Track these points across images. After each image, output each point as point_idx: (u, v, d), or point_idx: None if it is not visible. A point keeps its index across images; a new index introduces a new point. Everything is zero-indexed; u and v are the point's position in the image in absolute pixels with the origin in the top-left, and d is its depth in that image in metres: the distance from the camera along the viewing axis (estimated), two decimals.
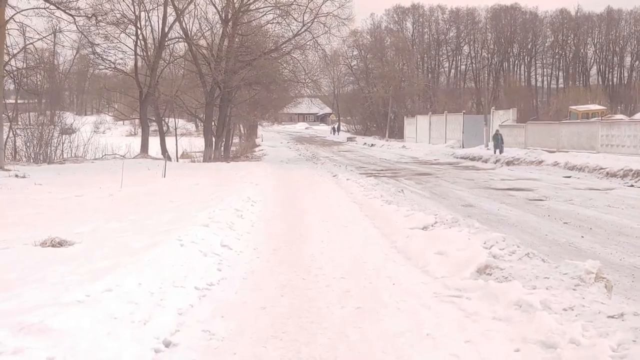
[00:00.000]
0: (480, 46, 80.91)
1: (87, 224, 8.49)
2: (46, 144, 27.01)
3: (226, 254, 7.16)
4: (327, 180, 18.01)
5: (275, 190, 14.99)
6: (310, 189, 15.60)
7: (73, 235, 7.43)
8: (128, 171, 19.00)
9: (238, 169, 20.08)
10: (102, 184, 14.34)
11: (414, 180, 19.60)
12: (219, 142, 29.93)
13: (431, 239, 7.49)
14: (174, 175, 17.07)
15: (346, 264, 6.96)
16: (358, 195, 13.58)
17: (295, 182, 17.59)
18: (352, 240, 8.52)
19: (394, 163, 28.24)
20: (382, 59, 58.72)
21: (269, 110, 38.65)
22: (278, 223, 10.04)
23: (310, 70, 29.01)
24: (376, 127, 58.05)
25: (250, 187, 14.25)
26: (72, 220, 8.94)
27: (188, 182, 15.28)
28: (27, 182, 14.35)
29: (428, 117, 44.40)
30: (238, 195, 12.16)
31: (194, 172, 19.04)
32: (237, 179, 16.32)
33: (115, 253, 6.25)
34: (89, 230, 7.97)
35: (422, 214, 9.34)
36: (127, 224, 8.54)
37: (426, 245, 7.27)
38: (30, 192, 12.39)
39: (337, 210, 11.64)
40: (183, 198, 11.84)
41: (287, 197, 13.82)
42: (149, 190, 13.58)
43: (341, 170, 21.91)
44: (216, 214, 9.29)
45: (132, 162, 23.36)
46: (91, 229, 8.08)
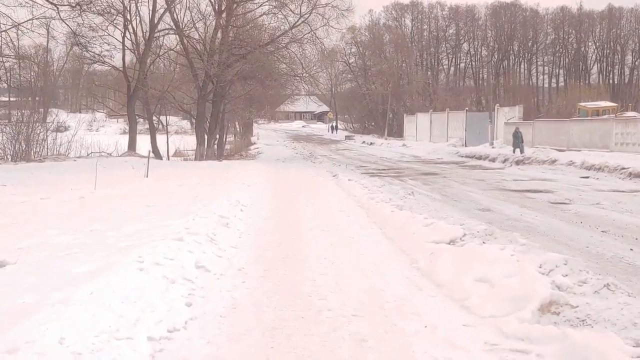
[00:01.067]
0: (480, 44, 79.30)
1: (35, 236, 6.81)
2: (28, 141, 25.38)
3: (201, 280, 5.47)
4: (327, 181, 16.32)
5: (269, 192, 13.28)
6: (309, 190, 13.92)
7: (10, 253, 5.77)
8: (110, 170, 17.35)
9: (230, 168, 18.38)
10: (76, 185, 12.64)
11: (420, 181, 17.89)
12: (212, 139, 28.21)
13: (465, 258, 5.80)
14: (158, 175, 15.38)
15: (358, 294, 5.28)
16: (363, 198, 11.89)
17: (292, 182, 15.91)
18: (362, 257, 6.83)
19: (396, 162, 26.54)
20: (381, 55, 57.03)
21: (265, 107, 36.94)
22: (271, 233, 8.34)
23: (307, 65, 27.29)
24: (375, 126, 56.35)
25: (240, 189, 12.55)
26: (19, 230, 7.25)
27: (172, 183, 13.58)
28: None
29: (429, 114, 42.73)
30: (226, 199, 10.46)
31: (181, 171, 17.34)
32: (228, 179, 14.62)
33: (48, 283, 4.58)
34: (33, 245, 6.29)
35: (444, 222, 7.65)
36: (83, 237, 6.85)
37: (460, 267, 5.59)
38: None
39: (340, 216, 9.94)
40: (161, 202, 10.14)
41: (283, 200, 12.11)
42: (126, 192, 11.87)
43: (341, 169, 20.23)
44: (196, 222, 7.60)
45: (118, 160, 21.68)
46: (37, 243, 6.40)
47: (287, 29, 26.85)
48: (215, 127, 28.16)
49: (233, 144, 39.60)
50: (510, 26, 78.01)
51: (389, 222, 8.88)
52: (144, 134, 33.22)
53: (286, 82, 34.40)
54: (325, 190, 13.86)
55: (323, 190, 14.01)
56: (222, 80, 26.74)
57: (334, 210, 10.72)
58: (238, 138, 42.53)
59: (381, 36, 61.76)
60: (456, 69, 78.13)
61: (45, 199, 10.54)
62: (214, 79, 26.53)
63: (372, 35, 61.89)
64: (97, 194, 11.47)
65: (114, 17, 24.75)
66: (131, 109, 25.46)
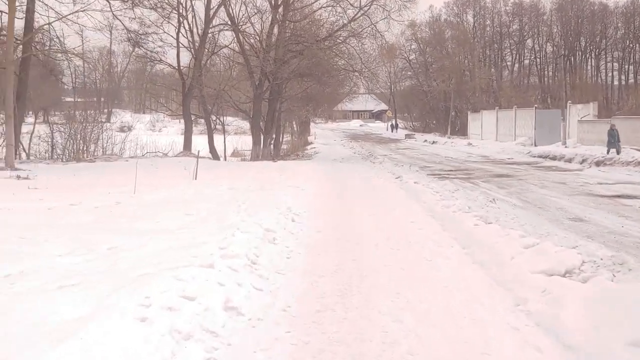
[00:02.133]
0: (545, 39, 75.39)
1: (37, 256, 5.43)
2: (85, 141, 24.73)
3: (230, 330, 3.90)
4: (390, 184, 14.58)
5: (325, 198, 11.64)
6: (370, 195, 12.23)
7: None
8: (160, 171, 16.16)
9: (284, 169, 16.87)
10: (117, 188, 11.37)
11: (493, 184, 15.90)
12: (268, 139, 26.85)
13: (601, 304, 4.00)
14: (208, 177, 14.03)
15: (451, 357, 3.59)
16: (435, 205, 10.12)
17: (351, 185, 14.25)
18: (447, 292, 5.10)
19: (463, 162, 24.46)
20: (442, 51, 54.61)
21: (322, 106, 35.35)
22: (326, 252, 6.70)
23: (367, 60, 25.54)
24: (436, 124, 53.99)
25: (293, 194, 10.99)
26: (22, 248, 5.88)
27: (221, 186, 12.15)
28: (24, 184, 11.52)
29: (495, 112, 40.21)
30: (275, 206, 8.93)
31: (233, 172, 15.95)
32: (281, 182, 13.11)
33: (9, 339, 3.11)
34: (27, 270, 4.90)
35: (550, 243, 5.84)
36: (94, 258, 5.42)
37: (598, 319, 3.81)
38: (11, 199, 9.48)
39: (410, 230, 8.20)
40: (203, 209, 8.68)
41: (340, 207, 10.46)
42: (168, 196, 10.50)
43: (404, 170, 18.42)
44: (235, 239, 6.06)
45: (172, 160, 20.57)
46: (33, 268, 5.00)
47: (346, 22, 25.21)
48: (271, 126, 26.80)
49: (290, 144, 38.27)
50: (577, 21, 73.79)
51: (474, 239, 7.10)
52: (205, 134, 32.27)
53: (344, 79, 32.79)
54: (389, 195, 12.13)
55: (386, 194, 12.28)
56: (278, 78, 25.36)
57: (401, 220, 8.99)
58: (295, 137, 41.13)
59: (442, 32, 59.28)
60: (520, 65, 74.59)
61: (75, 204, 9.26)
62: (270, 76, 25.18)
63: (433, 32, 59.52)
64: (136, 198, 10.14)
65: (169, 12, 23.76)
66: (186, 108, 24.38)
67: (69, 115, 27.03)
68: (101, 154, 23.62)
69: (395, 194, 12.45)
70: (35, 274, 4.86)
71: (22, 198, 9.75)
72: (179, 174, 14.61)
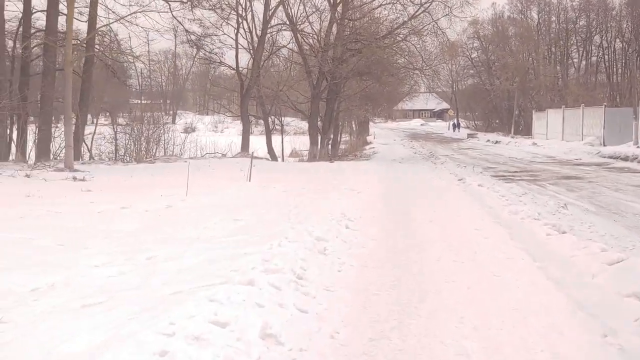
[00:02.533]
0: (613, 35, 71.78)
1: (69, 267, 5.05)
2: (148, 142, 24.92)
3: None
4: (452, 186, 13.75)
5: (382, 201, 10.94)
6: (431, 198, 11.48)
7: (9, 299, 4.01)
8: (216, 172, 15.89)
9: (341, 171, 16.29)
10: (171, 190, 11.06)
11: (562, 186, 14.81)
12: (325, 139, 26.34)
13: None
14: (262, 179, 13.61)
15: None
16: (501, 211, 9.30)
17: (410, 187, 13.51)
18: (521, 317, 4.35)
19: (528, 163, 23.22)
20: (506, 49, 52.71)
21: (381, 105, 34.53)
22: (381, 265, 6.05)
23: (428, 58, 24.65)
24: (499, 123, 52.18)
25: (348, 197, 10.39)
26: (57, 257, 5.52)
27: (274, 189, 11.70)
28: (78, 186, 11.38)
29: (561, 111, 38.33)
30: (328, 211, 8.35)
31: (288, 174, 15.50)
32: (336, 184, 12.53)
33: None
34: (56, 283, 4.51)
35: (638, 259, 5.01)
36: (129, 270, 4.98)
37: None
38: (61, 202, 9.28)
39: (475, 239, 7.43)
40: (252, 215, 8.21)
41: (398, 212, 9.77)
42: (219, 200, 10.10)
43: (467, 172, 17.50)
44: (282, 249, 5.52)
45: (230, 161, 20.33)
46: (62, 281, 4.60)
47: (406, 19, 24.41)
48: (328, 126, 26.28)
49: (348, 144, 37.69)
50: None
51: (547, 250, 6.30)
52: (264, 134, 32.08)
53: (404, 78, 31.92)
54: (450, 199, 11.33)
55: (448, 198, 11.49)
56: (336, 77, 24.84)
57: (465, 228, 8.24)
58: (353, 137, 40.49)
59: (505, 29, 57.29)
60: (587, 63, 71.27)
61: (127, 207, 8.97)
62: (328, 75, 24.68)
63: (496, 29, 57.62)
64: (187, 202, 9.78)
65: (228, 14, 23.60)
66: (244, 109, 24.17)
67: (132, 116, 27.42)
68: (162, 155, 23.71)
69: (458, 197, 11.64)
70: (64, 287, 4.46)
71: (73, 201, 9.55)
72: (234, 176, 14.25)
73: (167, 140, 25.87)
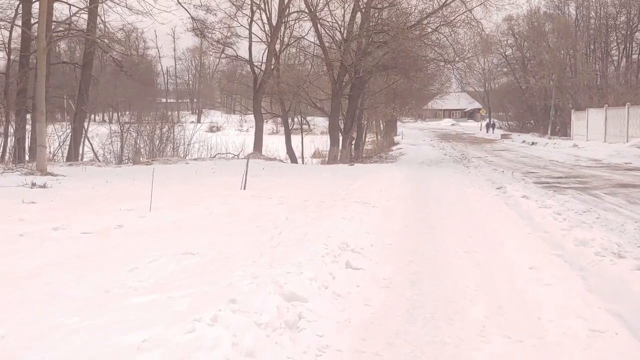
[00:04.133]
0: None
1: None
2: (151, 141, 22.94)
3: None
4: (490, 197, 11.13)
5: (402, 221, 8.29)
6: (464, 215, 8.90)
7: None
8: (213, 177, 13.58)
9: (359, 176, 13.77)
10: (137, 202, 8.70)
11: (621, 197, 12.02)
12: (347, 139, 23.83)
13: None
14: (260, 186, 11.21)
15: None
16: (562, 238, 6.66)
17: (438, 199, 10.92)
18: None
19: (572, 167, 20.33)
20: (541, 45, 49.39)
21: (409, 103, 31.81)
22: (393, 342, 3.59)
23: (460, 50, 21.92)
24: (534, 123, 48.90)
25: (359, 214, 7.87)
26: None
27: (268, 200, 9.26)
28: (29, 195, 9.07)
29: (603, 110, 35.10)
30: (325, 238, 5.88)
31: (295, 179, 13.03)
32: (349, 193, 10.04)
33: None
34: None
35: None
36: None
37: None
38: None
39: (533, 290, 4.80)
40: (215, 244, 5.78)
41: (422, 237, 7.19)
42: (187, 217, 7.64)
43: (506, 178, 14.84)
44: (212, 333, 3.10)
45: (237, 164, 18.02)
46: None
47: (437, 7, 21.73)
48: (351, 125, 23.75)
49: (375, 144, 35.13)
50: None
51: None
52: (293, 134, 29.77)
53: (434, 74, 29.23)
54: (490, 217, 8.71)
55: (487, 215, 8.88)
56: (359, 71, 22.34)
57: (514, 266, 5.67)
58: (380, 137, 37.85)
59: (541, 25, 53.93)
60: (628, 60, 67.22)
61: (60, 228, 6.65)
62: (351, 69, 22.20)
63: (531, 25, 54.33)
64: (146, 219, 7.41)
65: (242, 2, 21.30)
66: (257, 105, 21.80)
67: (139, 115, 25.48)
68: (169, 155, 21.59)
69: (499, 214, 9.01)
70: None
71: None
72: (230, 182, 11.84)
73: (178, 140, 23.82)
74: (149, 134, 23.02)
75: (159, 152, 22.58)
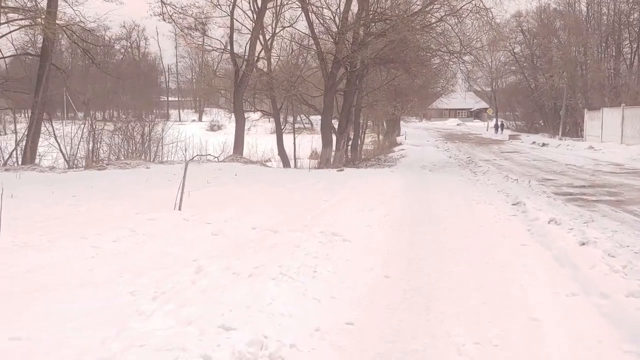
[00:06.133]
0: None
1: None
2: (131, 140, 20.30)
3: None
4: (505, 218, 8.30)
5: (383, 267, 5.35)
6: (474, 251, 6.11)
7: None
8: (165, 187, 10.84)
9: (342, 186, 10.97)
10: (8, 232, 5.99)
11: None
12: (342, 140, 21.03)
13: None
14: (207, 202, 8.48)
15: None
16: (635, 313, 3.94)
17: (438, 223, 8.10)
18: None
19: (594, 173, 17.39)
20: (552, 41, 46.38)
21: (412, 101, 28.88)
22: None
23: (468, 40, 19.01)
24: (543, 124, 45.87)
25: (313, 259, 5.06)
26: None
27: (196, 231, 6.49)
28: None
29: (620, 110, 32.07)
30: (219, 339, 3.18)
31: (258, 191, 10.20)
32: (316, 216, 7.28)
33: None
34: None
35: None
36: None
37: None
38: None
39: None
40: (41, 329, 3.12)
41: (413, 305, 4.44)
42: (44, 267, 4.93)
43: (523, 189, 12.00)
44: None
45: (207, 168, 15.30)
46: None
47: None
48: (346, 124, 20.94)
49: (376, 145, 32.29)
50: None
51: None
52: (288, 133, 27.00)
53: (439, 70, 26.35)
54: (511, 260, 5.81)
55: (505, 256, 6.03)
56: (355, 64, 19.57)
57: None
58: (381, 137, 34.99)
59: (551, 22, 50.89)
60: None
61: None
62: (346, 62, 19.42)
63: (541, 22, 51.32)
64: None
65: None
66: (238, 101, 18.99)
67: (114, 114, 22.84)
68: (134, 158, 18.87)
69: (524, 254, 6.18)
70: None
71: None
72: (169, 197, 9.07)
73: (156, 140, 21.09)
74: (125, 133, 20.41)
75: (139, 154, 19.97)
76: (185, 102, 75.06)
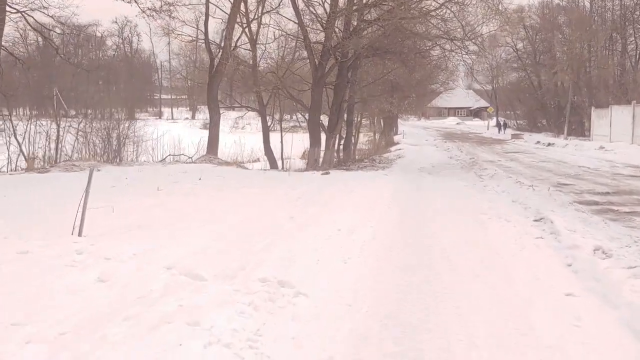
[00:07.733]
0: None
1: None
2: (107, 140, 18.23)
3: None
4: (530, 243, 6.07)
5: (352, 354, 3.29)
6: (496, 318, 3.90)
7: None
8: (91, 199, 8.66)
9: (322, 195, 8.74)
10: None
11: None
12: (332, 139, 18.77)
13: None
14: (128, 221, 6.28)
15: None
16: None
17: (442, 250, 5.90)
18: None
19: (613, 176, 15.10)
20: (556, 37, 44.16)
21: (409, 97, 26.52)
22: None
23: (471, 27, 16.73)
24: (546, 122, 43.58)
25: (225, 348, 2.96)
26: None
27: (86, 269, 4.31)
28: None
29: (631, 107, 29.84)
30: None
31: (213, 205, 8.01)
32: (267, 246, 5.12)
33: None
34: None
35: None
36: None
37: None
38: None
39: None
40: None
41: None
42: None
43: (542, 197, 9.75)
44: None
45: (176, 169, 13.10)
46: None
47: None
48: (336, 122, 18.68)
49: (372, 144, 30.02)
50: None
51: None
52: (291, 132, 24.82)
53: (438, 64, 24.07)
54: (555, 326, 3.67)
55: (543, 313, 3.85)
56: (346, 54, 17.35)
57: None
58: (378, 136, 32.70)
59: (555, 17, 48.68)
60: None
61: None
62: (337, 53, 17.18)
63: (544, 17, 49.12)
64: None
65: None
66: (212, 94, 16.69)
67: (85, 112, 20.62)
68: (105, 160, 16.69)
69: (573, 308, 3.96)
70: None
71: None
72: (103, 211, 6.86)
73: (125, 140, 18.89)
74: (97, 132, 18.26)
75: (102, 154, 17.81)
76: (180, 100, 72.73)
